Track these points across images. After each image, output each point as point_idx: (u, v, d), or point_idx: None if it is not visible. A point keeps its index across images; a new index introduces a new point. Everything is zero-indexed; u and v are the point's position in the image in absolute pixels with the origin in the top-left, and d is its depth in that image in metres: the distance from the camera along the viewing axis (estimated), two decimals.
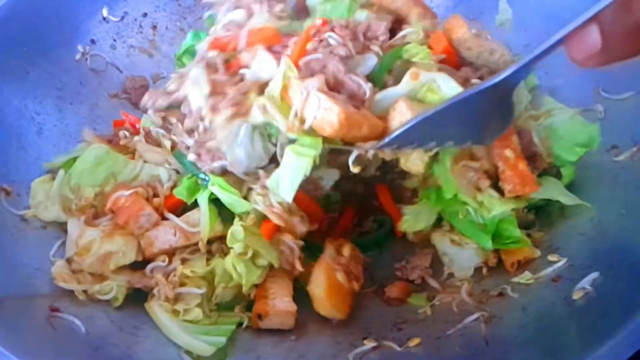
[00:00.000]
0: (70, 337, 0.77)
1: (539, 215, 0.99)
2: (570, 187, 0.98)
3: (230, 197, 0.90)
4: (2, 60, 1.08)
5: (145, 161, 1.01)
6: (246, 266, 0.88)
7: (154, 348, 0.81)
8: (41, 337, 0.74)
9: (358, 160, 0.85)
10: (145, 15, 1.33)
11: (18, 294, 0.80)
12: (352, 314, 0.91)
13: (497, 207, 0.90)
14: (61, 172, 0.99)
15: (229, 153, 0.90)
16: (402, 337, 0.85)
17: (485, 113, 0.78)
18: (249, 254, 0.88)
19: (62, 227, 0.96)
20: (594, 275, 0.78)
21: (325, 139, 0.83)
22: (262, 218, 0.91)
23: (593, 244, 0.87)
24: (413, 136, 0.79)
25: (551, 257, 0.88)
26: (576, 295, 0.77)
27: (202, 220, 0.92)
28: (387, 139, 0.81)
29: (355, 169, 0.85)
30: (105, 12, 1.27)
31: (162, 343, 0.83)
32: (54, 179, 1.00)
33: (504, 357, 0.75)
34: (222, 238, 0.95)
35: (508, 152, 0.91)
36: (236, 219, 0.90)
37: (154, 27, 1.34)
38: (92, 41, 1.25)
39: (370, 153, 0.85)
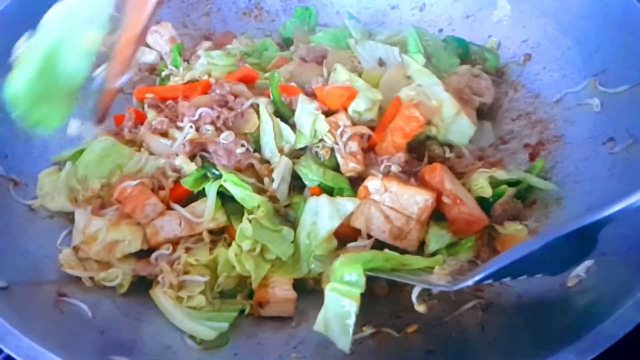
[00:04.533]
0: (77, 321, 0.79)
1: (536, 207, 1.01)
2: (568, 179, 1.00)
3: (242, 192, 0.93)
4: (8, 55, 1.09)
5: (150, 153, 1.04)
6: (255, 262, 0.91)
7: (158, 333, 0.84)
8: (50, 320, 0.77)
9: None
10: None
11: (27, 280, 0.83)
12: None
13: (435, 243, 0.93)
14: (69, 164, 1.02)
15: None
16: (401, 323, 0.86)
17: (566, 247, 0.72)
18: (258, 249, 0.91)
19: (69, 217, 0.99)
20: (589, 262, 0.79)
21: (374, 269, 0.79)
22: (279, 206, 0.96)
23: None
24: (492, 276, 0.71)
25: None
26: (571, 282, 0.79)
27: (207, 207, 0.94)
28: (467, 282, 0.71)
29: (420, 308, 0.78)
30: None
31: (166, 328, 0.85)
32: (60, 170, 1.02)
33: (498, 342, 0.77)
34: (224, 229, 0.98)
35: (445, 199, 0.93)
36: (245, 216, 0.92)
37: (158, 23, 1.35)
38: None
39: (437, 290, 0.80)
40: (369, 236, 0.93)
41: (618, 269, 0.76)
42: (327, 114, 1.02)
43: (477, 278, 0.71)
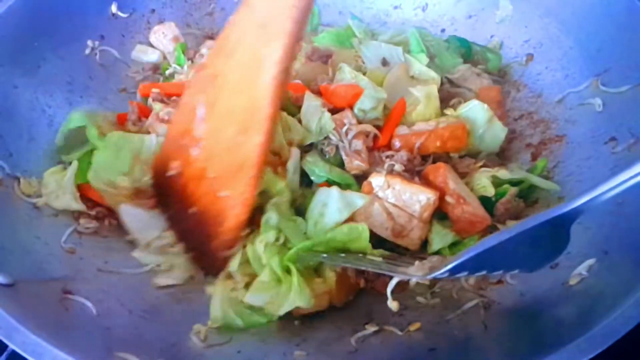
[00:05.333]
0: (82, 318, 0.79)
1: (538, 206, 1.02)
2: (569, 179, 1.01)
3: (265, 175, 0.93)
4: (14, 54, 1.10)
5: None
6: (279, 253, 0.90)
7: (163, 330, 0.84)
8: (55, 317, 0.77)
9: None
10: (153, 11, 1.36)
11: (32, 278, 0.83)
12: (353, 301, 0.94)
13: (439, 242, 0.94)
14: (74, 163, 1.03)
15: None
16: (403, 322, 0.87)
17: (539, 242, 0.73)
18: (281, 239, 0.91)
19: (73, 215, 1.00)
20: (591, 261, 0.80)
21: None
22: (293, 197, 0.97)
23: (590, 232, 0.88)
24: (466, 266, 0.72)
25: None
26: (573, 281, 0.79)
27: None
28: (440, 270, 0.73)
29: (393, 305, 0.82)
30: (114, 9, 1.30)
31: (171, 326, 0.85)
32: (65, 169, 1.03)
33: (500, 339, 0.77)
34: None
35: (448, 199, 0.93)
36: (269, 203, 0.92)
37: (161, 23, 1.36)
38: (102, 37, 1.28)
39: (413, 281, 0.82)
40: None
41: (620, 267, 0.77)
42: (333, 111, 1.03)
43: (450, 266, 0.72)
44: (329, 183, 0.98)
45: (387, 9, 1.38)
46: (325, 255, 0.89)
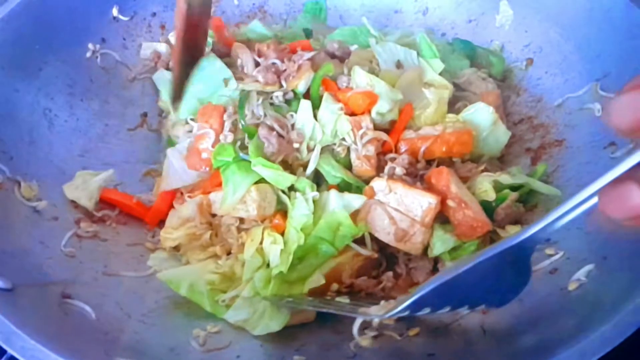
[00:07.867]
0: (81, 322, 0.80)
1: (537, 211, 1.02)
2: (569, 183, 1.01)
3: (274, 173, 0.93)
4: (15, 57, 1.10)
5: None
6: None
7: (162, 335, 0.84)
8: (54, 321, 0.77)
9: None
10: (154, 14, 1.36)
11: (31, 282, 0.83)
12: None
13: (440, 246, 0.93)
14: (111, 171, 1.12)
15: None
16: (402, 327, 0.87)
17: (500, 275, 0.70)
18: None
19: (73, 218, 1.00)
20: (590, 267, 0.80)
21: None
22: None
23: (589, 237, 0.88)
24: (426, 302, 0.69)
25: (548, 251, 0.90)
26: (572, 286, 0.79)
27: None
28: (399, 307, 0.70)
29: (365, 342, 0.83)
30: (115, 12, 1.30)
31: (170, 330, 0.86)
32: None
33: (499, 345, 0.77)
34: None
35: (450, 203, 0.93)
36: (296, 195, 0.94)
37: (163, 27, 1.37)
38: (103, 40, 1.28)
39: (376, 321, 0.83)
40: None
41: (618, 273, 0.77)
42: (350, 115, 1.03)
43: (406, 303, 0.69)
44: (340, 186, 0.98)
45: (388, 13, 1.38)
46: (290, 299, 0.89)
